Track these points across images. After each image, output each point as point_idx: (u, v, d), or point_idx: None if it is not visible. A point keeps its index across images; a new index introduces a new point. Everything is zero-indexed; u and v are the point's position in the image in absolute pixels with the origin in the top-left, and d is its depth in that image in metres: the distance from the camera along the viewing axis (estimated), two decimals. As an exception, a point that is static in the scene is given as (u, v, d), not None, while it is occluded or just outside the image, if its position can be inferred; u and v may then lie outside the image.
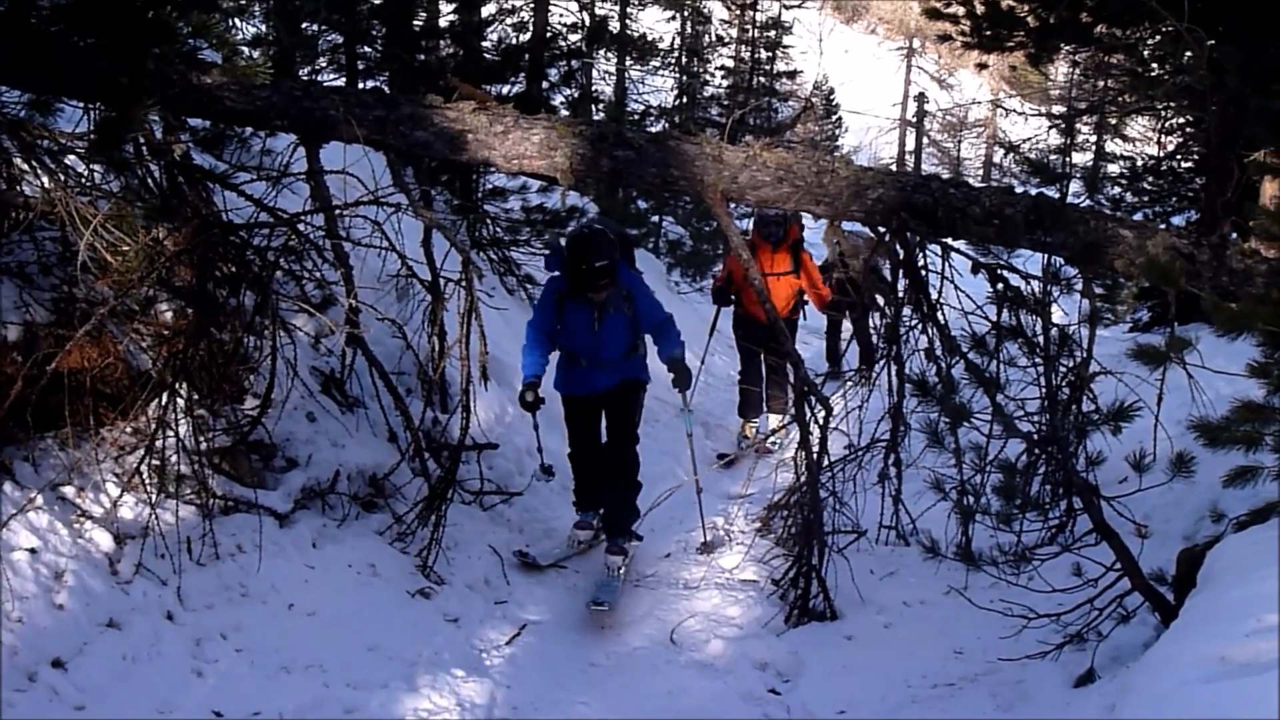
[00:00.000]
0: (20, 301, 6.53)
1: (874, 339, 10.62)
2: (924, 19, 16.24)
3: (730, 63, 27.93)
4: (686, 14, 26.00)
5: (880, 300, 7.59)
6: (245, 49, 10.55)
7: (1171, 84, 12.89)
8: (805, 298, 12.28)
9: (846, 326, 15.43)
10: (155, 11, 6.11)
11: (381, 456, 8.24)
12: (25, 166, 6.48)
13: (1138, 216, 15.03)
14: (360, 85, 13.22)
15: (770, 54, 28.26)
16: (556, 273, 8.27)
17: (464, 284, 7.93)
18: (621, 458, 8.52)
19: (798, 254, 11.81)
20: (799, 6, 29.13)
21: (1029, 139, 23.06)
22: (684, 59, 25.86)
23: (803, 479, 7.62)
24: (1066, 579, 6.47)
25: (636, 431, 8.61)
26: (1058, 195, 7.14)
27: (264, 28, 12.68)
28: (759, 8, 27.76)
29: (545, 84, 15.91)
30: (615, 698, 6.69)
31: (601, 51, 19.71)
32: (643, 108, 22.74)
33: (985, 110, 48.15)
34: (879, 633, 7.37)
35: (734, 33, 28.11)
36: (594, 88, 20.56)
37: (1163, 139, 18.53)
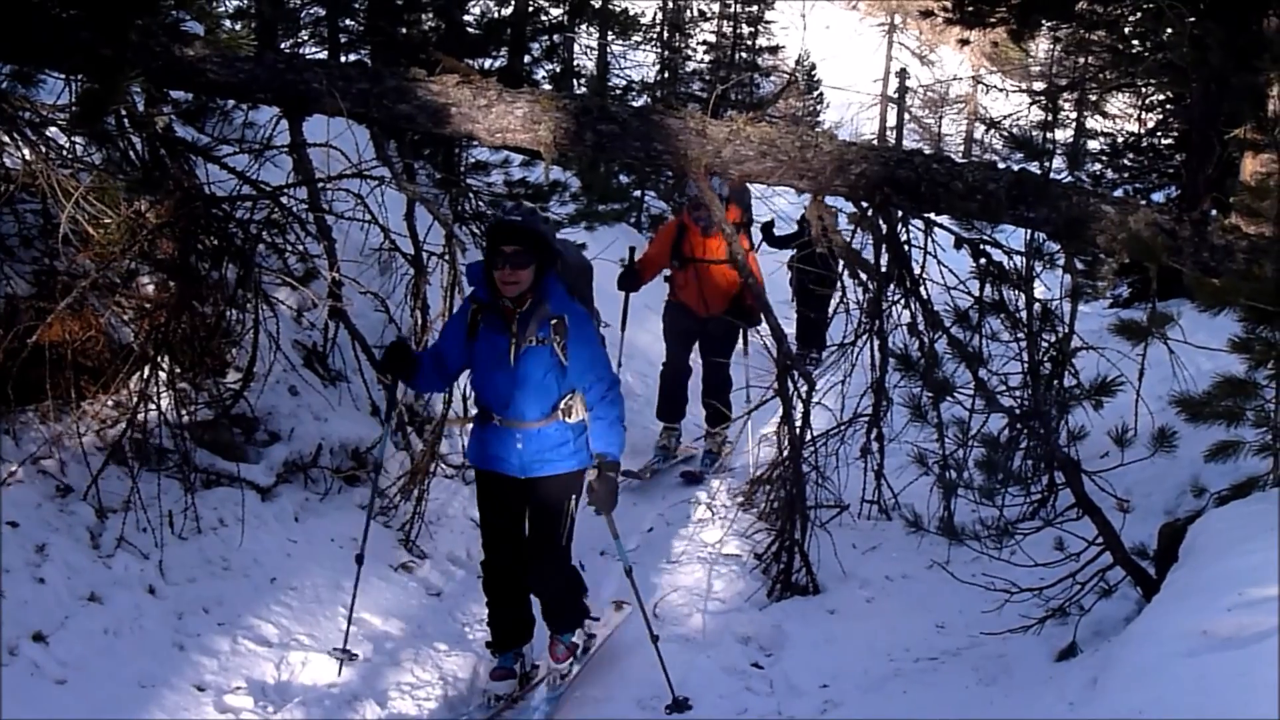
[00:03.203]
0: (1, 274, 6.50)
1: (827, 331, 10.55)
2: (906, -5, 16.23)
3: (712, 38, 27.82)
4: (668, -12, 25.92)
5: (862, 275, 7.57)
6: (228, 21, 10.48)
7: (1153, 60, 12.92)
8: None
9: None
10: (137, -17, 6.08)
11: (364, 430, 8.23)
12: (6, 138, 6.43)
13: (1118, 193, 15.03)
14: (343, 58, 13.18)
15: (752, 29, 28.17)
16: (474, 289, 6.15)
17: (447, 258, 7.91)
18: (546, 583, 6.53)
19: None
20: (781, -19, 29.05)
21: (1010, 115, 23.06)
22: (666, 34, 25.75)
23: (785, 453, 7.63)
24: (1048, 553, 6.50)
25: (565, 545, 6.44)
26: (1040, 171, 7.14)
27: (246, 0, 12.61)
28: (741, -17, 27.69)
29: (527, 58, 15.88)
30: (598, 671, 6.70)
31: (583, 26, 19.61)
32: (625, 83, 22.65)
33: (966, 86, 48.17)
34: (861, 607, 7.40)
35: (716, 8, 28.01)
36: (576, 62, 20.48)
37: (1143, 115, 18.57)
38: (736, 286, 10.20)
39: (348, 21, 13.98)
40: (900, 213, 7.29)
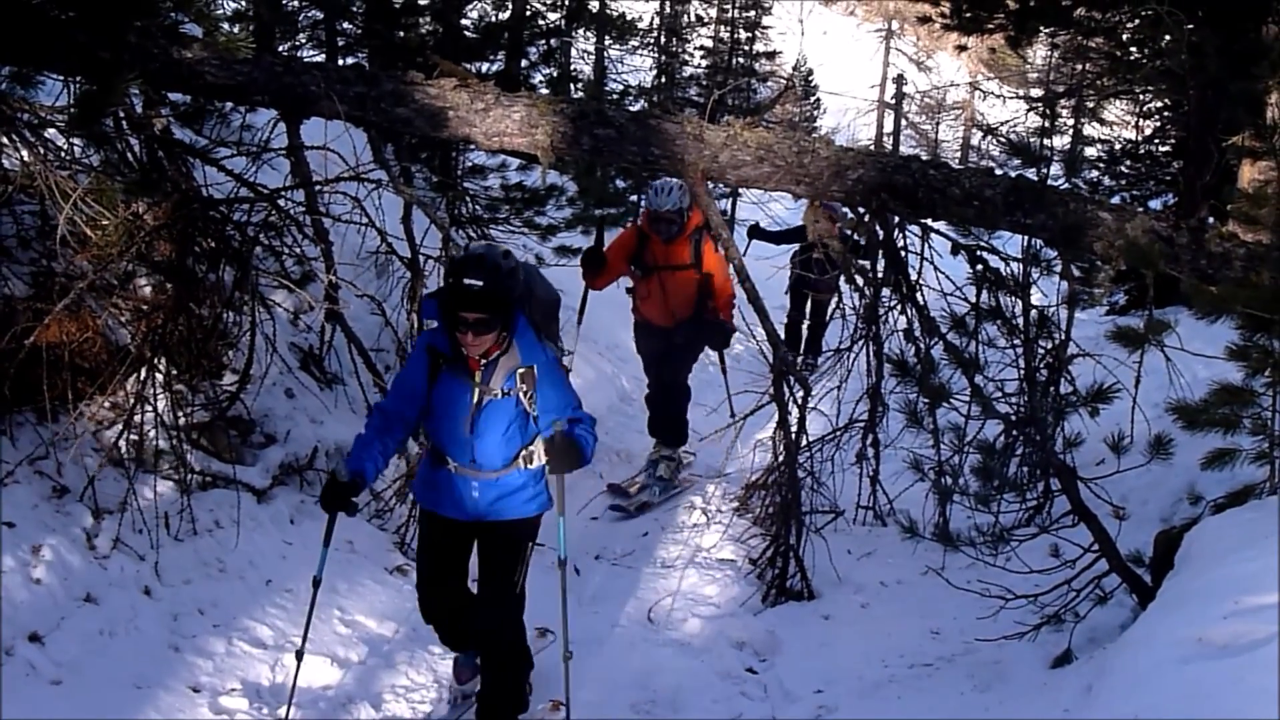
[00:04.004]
0: (-2, 275, 6.51)
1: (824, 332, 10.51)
2: (903, 1, 16.22)
3: (709, 43, 27.87)
4: (666, -7, 25.98)
5: (859, 280, 7.57)
6: (226, 24, 10.47)
7: (1151, 67, 12.92)
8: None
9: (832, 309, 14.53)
10: (136, -16, 6.09)
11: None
12: (5, 140, 6.43)
13: (1116, 200, 15.04)
14: (340, 61, 13.16)
15: (749, 34, 28.24)
16: (435, 323, 5.63)
17: (444, 261, 7.91)
18: (494, 631, 5.88)
19: (699, 244, 9.58)
20: (778, -13, 29.11)
21: (1007, 122, 23.10)
22: (663, 39, 25.80)
23: (781, 459, 7.63)
24: (1044, 560, 6.51)
25: (518, 592, 5.86)
26: (1037, 177, 7.15)
27: (244, 2, 12.60)
28: (737, -12, 27.73)
29: (525, 62, 15.87)
30: (592, 675, 6.69)
31: (581, 30, 19.62)
32: (622, 87, 22.64)
33: (964, 93, 48.15)
34: (856, 612, 7.39)
35: (713, 13, 28.06)
36: (573, 67, 20.50)
37: (1141, 122, 18.59)
38: (698, 296, 9.69)
39: (345, 25, 13.95)
40: (897, 218, 7.30)
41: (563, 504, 5.80)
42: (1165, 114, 17.68)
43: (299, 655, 5.67)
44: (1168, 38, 11.09)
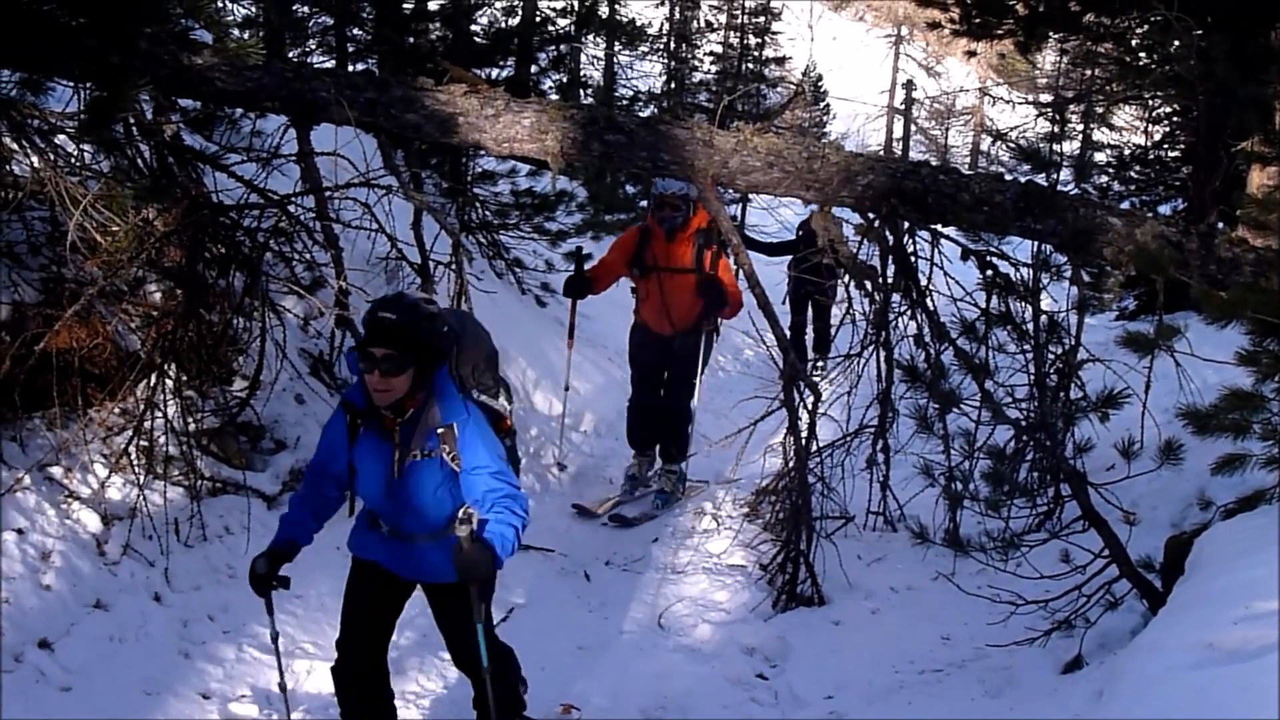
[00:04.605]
0: (9, 281, 6.52)
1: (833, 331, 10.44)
2: (912, 6, 16.23)
3: (719, 48, 27.87)
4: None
5: (868, 286, 7.57)
6: (236, 30, 10.49)
7: (1160, 73, 12.92)
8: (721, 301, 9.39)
9: (836, 313, 13.90)
10: (147, -9, 6.10)
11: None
12: (15, 146, 6.45)
13: (1125, 205, 15.03)
14: (350, 67, 13.19)
15: (759, 40, 28.22)
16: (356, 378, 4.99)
17: (454, 267, 7.93)
18: (485, 682, 5.23)
19: (701, 248, 9.17)
20: (788, -8, 29.12)
21: (1016, 127, 23.08)
22: (673, 44, 25.81)
23: (791, 464, 7.62)
24: (1054, 565, 6.51)
25: (492, 645, 5.21)
26: (1047, 183, 7.15)
27: (254, 9, 12.61)
28: (747, -6, 27.74)
29: (535, 68, 15.90)
30: (603, 681, 6.68)
31: (591, 36, 19.63)
32: (631, 93, 22.70)
33: (973, 98, 48.15)
34: (866, 618, 7.38)
35: (723, 18, 28.08)
36: (583, 72, 20.53)
37: (1150, 128, 18.58)
38: (700, 303, 9.37)
39: (355, 31, 13.98)
40: (907, 224, 7.30)
41: (479, 610, 4.98)
42: (1174, 119, 17.68)
43: (281, 688, 5.46)
44: (1177, 43, 11.07)
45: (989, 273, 7.36)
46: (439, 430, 4.89)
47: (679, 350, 9.53)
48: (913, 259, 7.41)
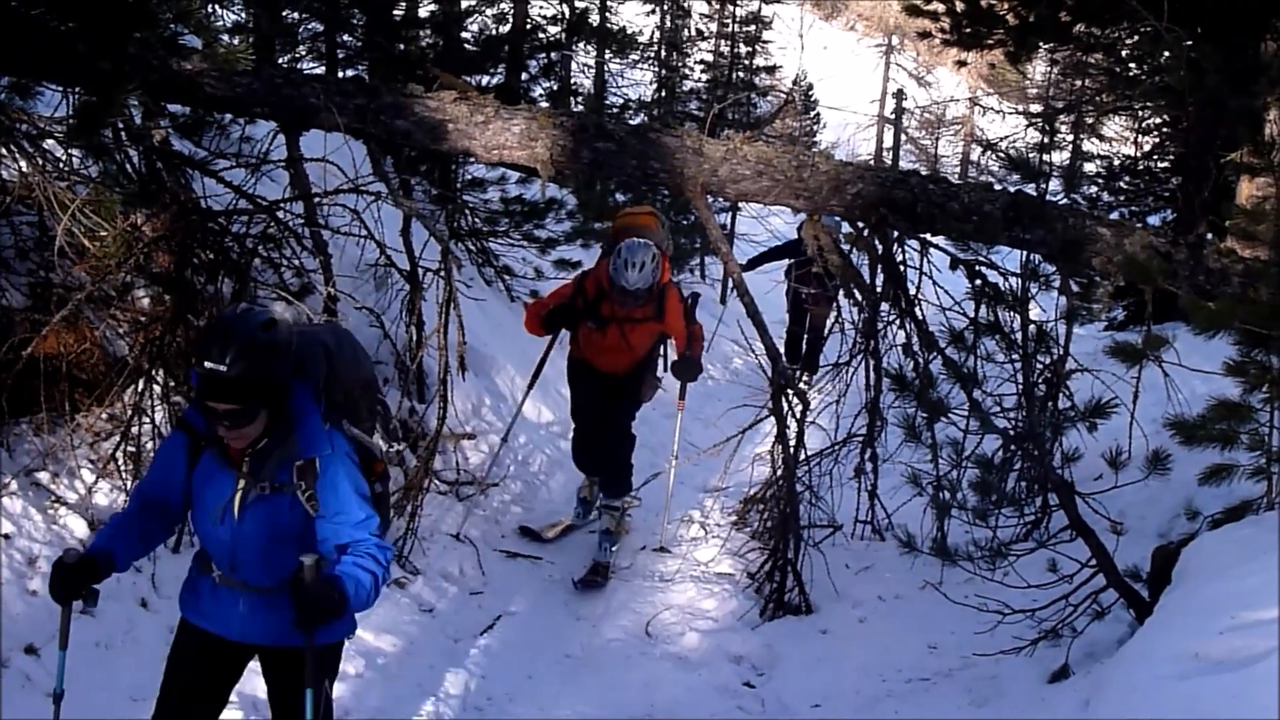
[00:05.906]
0: (-4, 286, 6.51)
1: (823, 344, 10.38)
2: (903, 16, 16.24)
3: (710, 57, 27.81)
4: (666, 8, 25.91)
5: (858, 295, 7.57)
6: (226, 35, 10.49)
7: (1150, 83, 12.93)
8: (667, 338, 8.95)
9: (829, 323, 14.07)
10: (136, -4, 6.10)
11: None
12: (3, 150, 6.44)
13: (1114, 215, 15.04)
14: (340, 74, 13.18)
15: (750, 49, 28.19)
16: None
17: (442, 274, 7.90)
18: None
19: (662, 296, 8.45)
20: (779, 2, 29.02)
21: (1007, 137, 23.10)
22: (663, 53, 25.79)
23: (779, 473, 7.62)
24: (1042, 575, 6.50)
25: None
26: (1036, 193, 7.16)
27: (244, 15, 12.59)
28: (739, 3, 27.67)
29: (525, 76, 15.87)
30: (590, 690, 6.69)
31: (581, 44, 19.60)
32: (622, 101, 22.66)
33: (963, 108, 48.22)
34: (854, 627, 7.39)
35: (714, 27, 28.03)
36: (573, 80, 20.50)
37: (1140, 138, 18.59)
38: (653, 345, 8.86)
39: (346, 37, 13.95)
40: (896, 233, 7.31)
41: (315, 674, 4.22)
42: (1164, 130, 17.69)
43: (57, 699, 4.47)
44: (1167, 54, 11.08)
45: (978, 282, 7.37)
46: (298, 464, 4.17)
47: (626, 384, 8.93)
48: (902, 268, 7.42)
